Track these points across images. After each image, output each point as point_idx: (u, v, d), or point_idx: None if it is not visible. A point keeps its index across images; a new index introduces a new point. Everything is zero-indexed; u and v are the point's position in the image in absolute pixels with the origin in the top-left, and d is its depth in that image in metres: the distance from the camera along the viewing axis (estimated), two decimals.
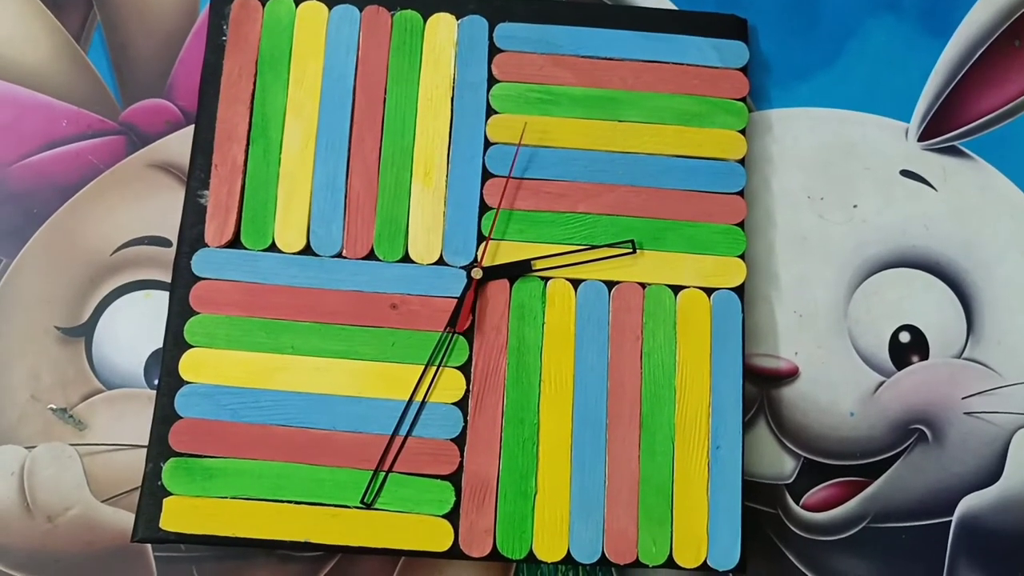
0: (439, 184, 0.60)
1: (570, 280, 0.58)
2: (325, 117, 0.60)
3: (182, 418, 0.56)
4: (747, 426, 0.60)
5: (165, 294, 0.60)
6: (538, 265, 0.58)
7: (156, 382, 0.58)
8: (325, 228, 0.59)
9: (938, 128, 0.64)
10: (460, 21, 0.62)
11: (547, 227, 0.59)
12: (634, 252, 0.58)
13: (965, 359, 0.61)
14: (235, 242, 0.58)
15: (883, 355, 0.61)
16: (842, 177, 0.63)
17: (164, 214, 0.61)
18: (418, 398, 0.56)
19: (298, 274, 0.58)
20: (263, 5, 0.62)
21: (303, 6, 0.62)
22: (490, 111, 0.61)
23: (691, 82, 0.61)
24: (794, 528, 0.59)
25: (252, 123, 0.60)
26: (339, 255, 0.58)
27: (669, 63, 0.62)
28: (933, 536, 0.59)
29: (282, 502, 0.55)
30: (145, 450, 0.56)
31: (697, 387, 0.57)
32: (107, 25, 0.64)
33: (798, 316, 0.61)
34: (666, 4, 0.65)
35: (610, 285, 0.58)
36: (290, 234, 0.59)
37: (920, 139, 0.64)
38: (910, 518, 0.59)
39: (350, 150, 0.60)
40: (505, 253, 0.59)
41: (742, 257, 0.59)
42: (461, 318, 0.57)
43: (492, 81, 0.61)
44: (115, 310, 0.60)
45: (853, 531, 0.59)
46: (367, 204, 0.59)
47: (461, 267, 0.58)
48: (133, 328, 0.60)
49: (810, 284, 0.62)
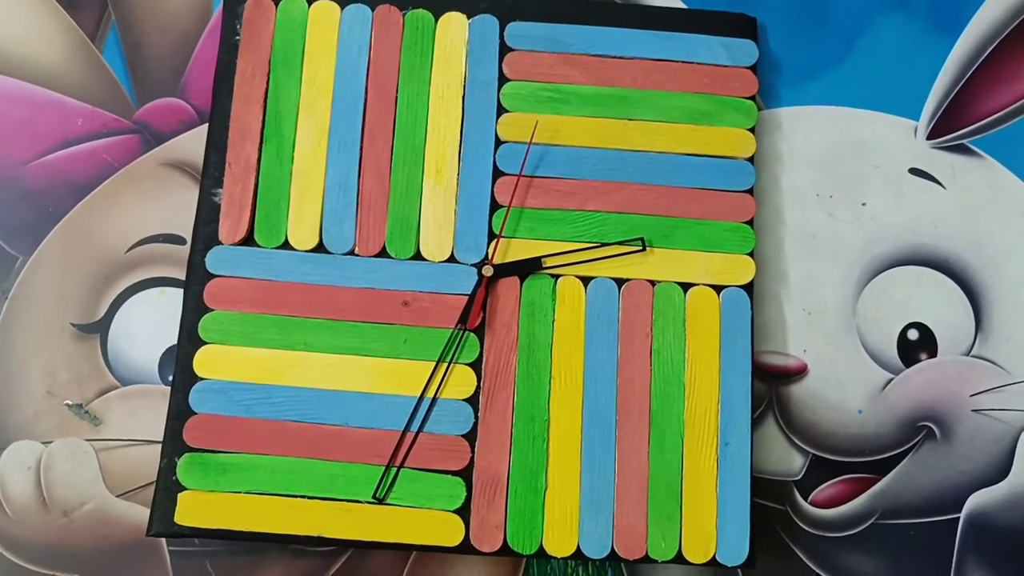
0: (450, 182, 0.60)
1: (580, 277, 0.59)
2: (337, 115, 0.61)
3: (196, 414, 0.56)
4: (756, 423, 0.60)
5: (179, 291, 0.61)
6: (548, 263, 0.59)
7: (171, 378, 0.58)
8: (337, 226, 0.59)
9: (947, 126, 0.64)
10: (471, 20, 0.62)
11: (557, 225, 0.59)
12: (644, 250, 0.59)
13: (974, 356, 0.61)
14: (248, 240, 0.59)
15: (892, 352, 0.61)
16: (851, 175, 0.63)
17: (178, 212, 0.62)
18: (429, 394, 0.57)
19: (311, 271, 0.59)
20: (276, 4, 0.62)
21: (316, 5, 0.62)
22: (501, 110, 0.61)
23: (701, 81, 0.62)
24: (803, 524, 0.59)
25: (265, 121, 0.61)
26: (351, 252, 0.59)
27: (679, 62, 0.62)
28: (941, 533, 0.59)
29: (295, 497, 0.56)
30: (160, 445, 0.56)
31: (706, 384, 0.57)
32: (122, 24, 0.65)
33: (807, 314, 0.61)
34: (676, 3, 0.66)
35: (620, 282, 0.59)
36: (303, 232, 0.59)
37: (929, 137, 0.64)
38: (918, 515, 0.59)
39: (362, 148, 0.61)
40: (516, 251, 0.59)
41: (751, 255, 0.59)
42: (472, 315, 0.57)
43: (503, 80, 0.62)
44: (130, 307, 0.61)
45: (861, 527, 0.59)
46: (379, 202, 0.60)
47: (472, 264, 0.59)
48: (148, 325, 0.61)
49: (819, 282, 0.62)
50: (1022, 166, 0.64)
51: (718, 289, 0.59)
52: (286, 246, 0.59)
